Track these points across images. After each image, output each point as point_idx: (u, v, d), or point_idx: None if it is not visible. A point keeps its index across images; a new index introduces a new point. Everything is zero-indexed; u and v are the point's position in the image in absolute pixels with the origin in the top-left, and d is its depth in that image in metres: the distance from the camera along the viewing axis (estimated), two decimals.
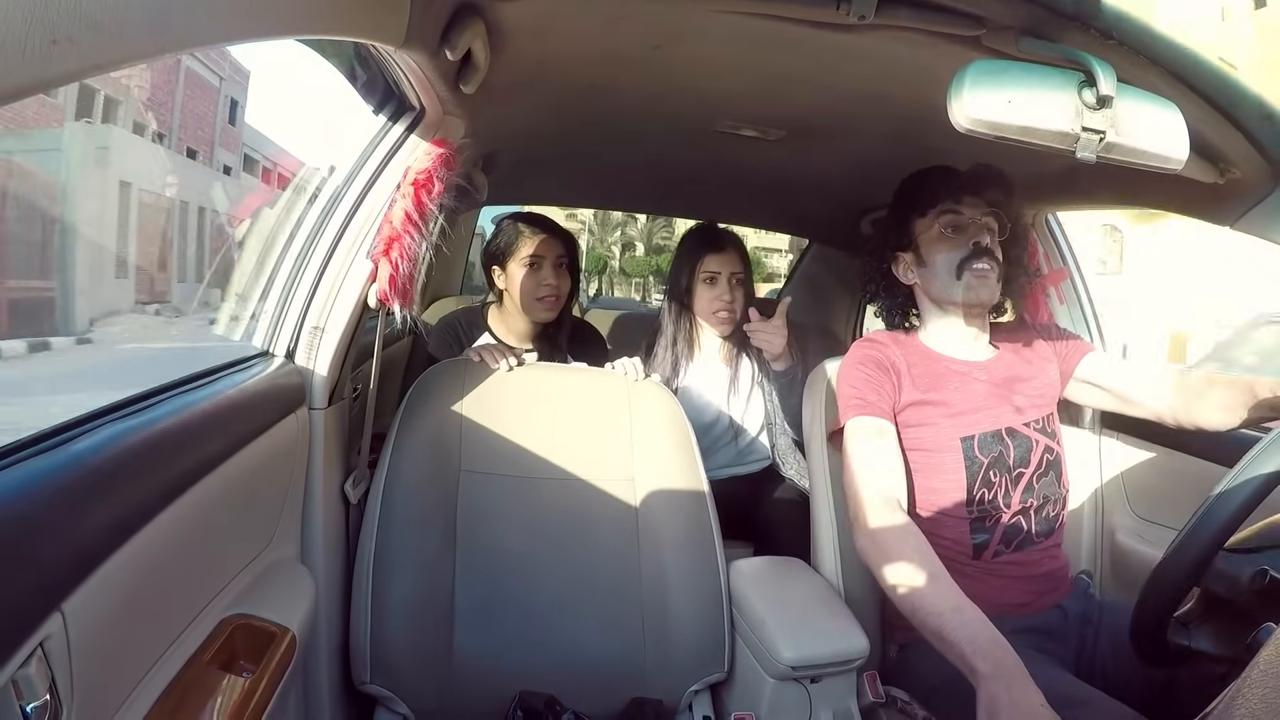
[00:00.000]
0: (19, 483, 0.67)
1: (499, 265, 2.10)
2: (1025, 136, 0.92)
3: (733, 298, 2.13)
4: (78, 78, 0.51)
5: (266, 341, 1.35)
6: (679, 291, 2.19)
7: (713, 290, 2.14)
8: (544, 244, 2.07)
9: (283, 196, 1.63)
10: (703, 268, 2.14)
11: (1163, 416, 1.51)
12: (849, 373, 1.52)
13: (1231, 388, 1.40)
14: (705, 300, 2.15)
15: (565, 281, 2.11)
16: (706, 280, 2.14)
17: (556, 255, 2.09)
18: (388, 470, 1.48)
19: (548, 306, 2.08)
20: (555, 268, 2.08)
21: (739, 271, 2.15)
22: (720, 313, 2.13)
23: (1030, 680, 1.04)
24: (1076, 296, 1.97)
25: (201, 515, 0.95)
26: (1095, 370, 1.58)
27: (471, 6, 1.06)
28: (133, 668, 0.83)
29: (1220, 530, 0.98)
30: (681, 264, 2.19)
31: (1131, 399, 1.55)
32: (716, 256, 2.14)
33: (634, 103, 1.59)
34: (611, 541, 1.55)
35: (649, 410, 1.67)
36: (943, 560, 1.42)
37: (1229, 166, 1.22)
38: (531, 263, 2.05)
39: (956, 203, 1.48)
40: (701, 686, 1.47)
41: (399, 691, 1.36)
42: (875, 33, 1.08)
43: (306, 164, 12.39)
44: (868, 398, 1.46)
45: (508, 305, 2.13)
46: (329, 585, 1.38)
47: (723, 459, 2.26)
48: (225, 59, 20.14)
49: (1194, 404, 1.45)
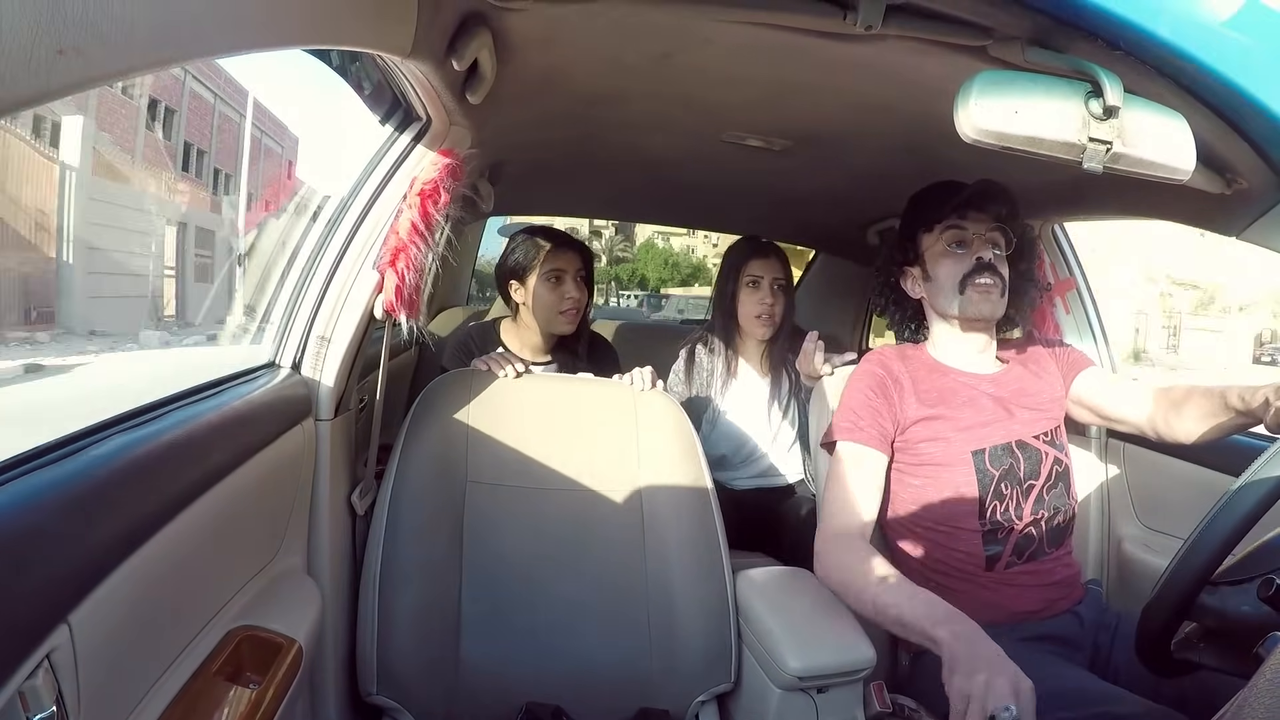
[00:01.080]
0: (26, 494, 0.67)
1: (518, 280, 2.10)
2: (1032, 147, 0.91)
3: (774, 301, 2.21)
4: (83, 88, 0.51)
5: (273, 352, 1.35)
6: (725, 298, 2.28)
7: (756, 294, 2.22)
8: (565, 258, 2.08)
9: (287, 208, 1.65)
10: (747, 272, 2.24)
11: (1144, 431, 1.53)
12: (852, 391, 1.54)
13: (1206, 397, 1.42)
14: (748, 305, 2.23)
15: (584, 294, 2.12)
16: (750, 284, 2.24)
17: (576, 269, 2.10)
18: (394, 481, 1.48)
19: (569, 320, 2.09)
20: (575, 280, 2.09)
21: (781, 278, 2.24)
22: (762, 315, 2.21)
23: (988, 639, 1.08)
24: (1083, 306, 1.97)
25: (208, 526, 0.95)
26: (1085, 389, 1.60)
27: (478, 16, 1.06)
28: (139, 679, 0.83)
29: (1218, 548, 0.98)
30: (727, 271, 2.29)
31: (1114, 416, 1.58)
32: (760, 262, 2.24)
33: (640, 113, 1.60)
34: (617, 552, 1.54)
35: (655, 420, 1.66)
36: (956, 572, 1.44)
37: (1236, 177, 1.22)
38: (554, 276, 2.06)
39: (961, 218, 1.50)
40: (708, 697, 1.46)
41: (406, 702, 1.35)
42: (882, 43, 1.08)
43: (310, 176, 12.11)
44: (861, 422, 1.48)
45: (524, 319, 2.14)
46: (335, 596, 1.38)
47: (754, 470, 2.31)
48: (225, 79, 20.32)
49: (1173, 417, 1.47)
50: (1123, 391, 1.57)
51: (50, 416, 1.40)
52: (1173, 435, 1.47)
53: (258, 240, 11.57)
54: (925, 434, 1.48)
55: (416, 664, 1.38)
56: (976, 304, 1.47)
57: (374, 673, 1.36)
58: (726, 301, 2.27)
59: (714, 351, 2.31)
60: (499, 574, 1.49)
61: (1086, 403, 1.60)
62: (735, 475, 2.30)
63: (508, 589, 1.48)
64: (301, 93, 28.14)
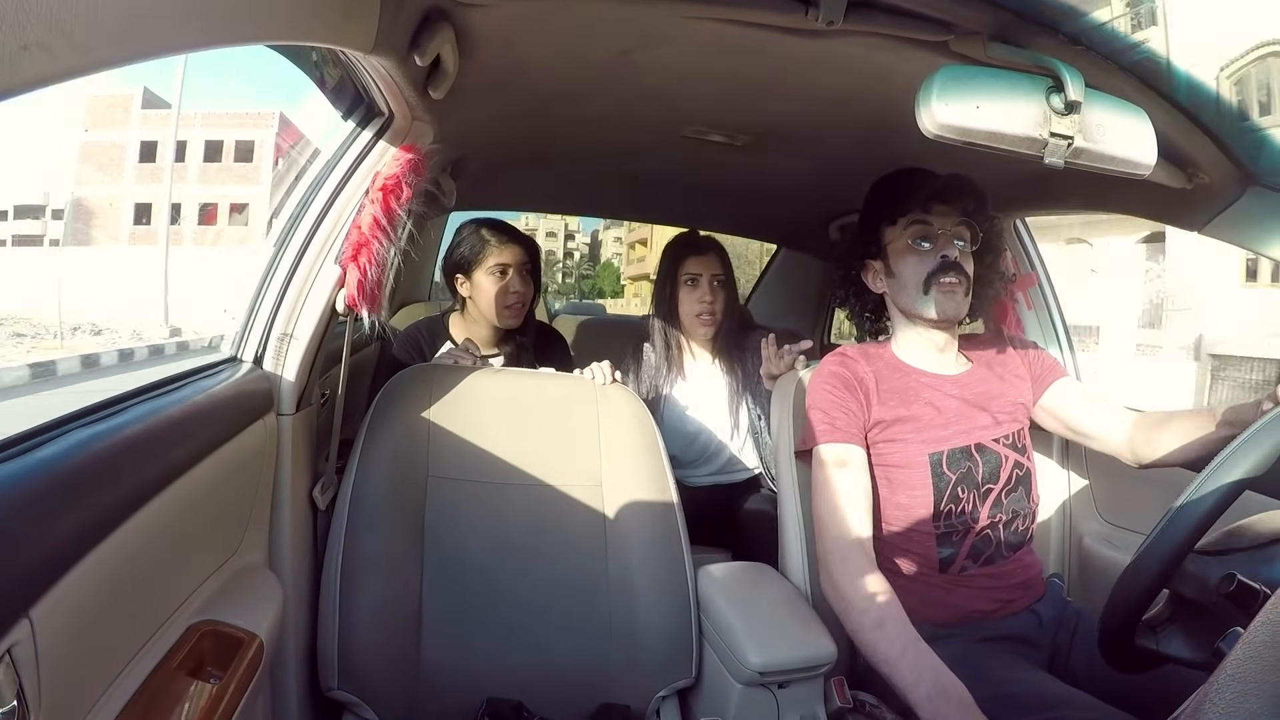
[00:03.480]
0: None
1: (463, 274, 2.10)
2: (993, 142, 0.93)
3: (714, 299, 2.16)
4: (47, 84, 0.51)
5: (235, 347, 1.34)
6: (664, 297, 2.22)
7: (695, 292, 2.17)
8: (510, 252, 2.07)
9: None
10: (684, 270, 2.18)
11: (1120, 453, 1.50)
12: (818, 393, 1.50)
13: (1194, 416, 1.38)
14: (688, 304, 2.18)
15: (529, 288, 2.12)
16: (688, 282, 2.18)
17: (521, 262, 2.09)
18: (355, 476, 1.47)
19: (514, 314, 2.09)
20: (521, 274, 2.09)
21: (720, 274, 2.18)
22: (702, 315, 2.16)
23: (971, 712, 1.10)
24: (1044, 302, 1.98)
25: (169, 521, 0.94)
26: (1057, 401, 1.57)
27: (441, 12, 1.06)
28: (100, 674, 0.83)
29: (1186, 535, 0.96)
30: (665, 270, 2.23)
31: (1086, 433, 1.56)
32: (697, 259, 2.18)
33: (602, 108, 1.60)
34: (579, 547, 1.55)
35: (617, 416, 1.67)
36: (910, 573, 1.42)
37: (1197, 172, 1.24)
38: (499, 270, 2.06)
39: (926, 212, 1.44)
40: (669, 692, 1.47)
41: (366, 697, 1.35)
42: (843, 38, 1.09)
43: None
44: (836, 422, 1.45)
45: (471, 312, 2.13)
46: (297, 591, 1.37)
47: (710, 468, 2.28)
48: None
49: (1156, 437, 1.43)
50: (1099, 412, 1.54)
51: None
52: (1153, 458, 1.43)
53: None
54: (885, 436, 1.45)
55: (377, 659, 1.37)
56: (941, 305, 1.43)
57: (335, 668, 1.36)
58: (666, 301, 2.22)
59: (658, 350, 2.26)
60: (460, 569, 1.49)
61: (1057, 414, 1.57)
62: (691, 473, 2.28)
63: (469, 584, 1.48)
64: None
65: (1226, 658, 0.49)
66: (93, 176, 33.17)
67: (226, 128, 31.60)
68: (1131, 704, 1.17)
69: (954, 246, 1.43)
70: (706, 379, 2.26)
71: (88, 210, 33.44)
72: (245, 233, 28.53)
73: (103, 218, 32.30)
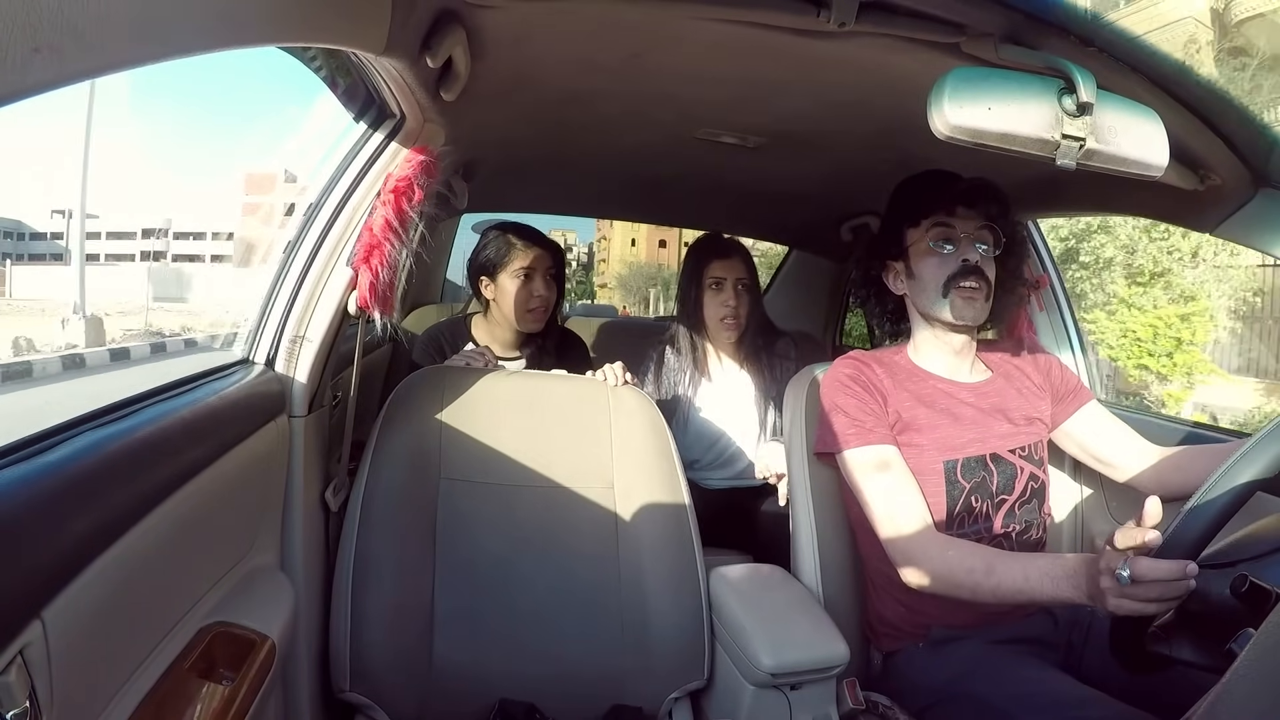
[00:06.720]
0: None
1: (488, 276, 2.10)
2: (1005, 143, 0.92)
3: (738, 303, 2.16)
4: (59, 85, 0.51)
5: (247, 349, 1.34)
6: (688, 300, 2.22)
7: (719, 296, 2.17)
8: (536, 256, 2.08)
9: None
10: (708, 274, 2.18)
11: (1146, 486, 1.45)
12: (839, 395, 1.47)
13: (1219, 454, 1.27)
14: (712, 307, 2.17)
15: (553, 292, 2.12)
16: (713, 286, 2.17)
17: (546, 267, 2.10)
18: (367, 478, 1.47)
19: (537, 318, 2.10)
20: (544, 279, 2.09)
21: (744, 277, 2.18)
22: (726, 319, 2.16)
23: (1088, 560, 1.08)
24: (1056, 303, 1.97)
25: (181, 523, 0.95)
26: (1083, 427, 1.55)
27: (452, 14, 1.06)
28: (112, 675, 0.83)
29: (1198, 537, 0.96)
30: (689, 274, 2.22)
31: (1110, 463, 1.53)
32: (722, 263, 2.18)
33: (614, 110, 1.60)
34: (591, 549, 1.54)
35: (629, 417, 1.67)
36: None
37: (1209, 173, 1.23)
38: (524, 274, 2.06)
39: (949, 215, 1.42)
40: (681, 694, 1.46)
41: (379, 700, 1.35)
42: (855, 40, 1.08)
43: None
44: (865, 423, 1.42)
45: (494, 315, 2.14)
46: (309, 593, 1.37)
47: (731, 471, 2.28)
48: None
49: (1186, 466, 1.39)
50: (1127, 443, 1.51)
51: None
52: (1185, 489, 1.31)
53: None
54: (900, 441, 1.43)
55: (389, 661, 1.37)
56: (960, 309, 1.40)
57: (347, 669, 1.36)
58: (690, 305, 2.21)
59: (681, 354, 2.26)
60: (472, 570, 1.49)
61: (1080, 440, 1.55)
62: (712, 476, 2.27)
63: (481, 585, 1.48)
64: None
65: (1239, 658, 0.49)
66: (251, 223, 52.14)
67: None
68: (1146, 701, 1.17)
69: (976, 250, 1.42)
70: (730, 382, 2.26)
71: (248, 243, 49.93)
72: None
73: (260, 251, 41.66)
